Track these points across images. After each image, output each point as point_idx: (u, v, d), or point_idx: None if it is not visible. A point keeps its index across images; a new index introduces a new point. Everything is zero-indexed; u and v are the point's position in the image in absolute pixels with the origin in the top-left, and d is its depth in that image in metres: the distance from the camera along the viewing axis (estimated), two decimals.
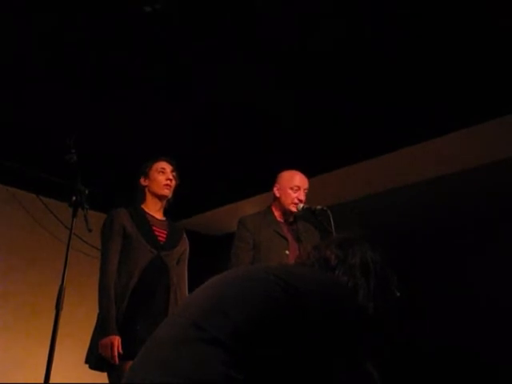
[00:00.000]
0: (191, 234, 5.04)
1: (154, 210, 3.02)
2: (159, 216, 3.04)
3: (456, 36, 3.18)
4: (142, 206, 3.02)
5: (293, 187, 3.09)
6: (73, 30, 3.29)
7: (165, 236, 2.97)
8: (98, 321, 2.74)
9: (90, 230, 2.38)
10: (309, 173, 3.21)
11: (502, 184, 4.16)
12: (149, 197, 3.03)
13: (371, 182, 4.65)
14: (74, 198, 2.52)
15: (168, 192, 3.03)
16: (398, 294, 1.57)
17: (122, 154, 4.47)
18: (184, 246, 3.07)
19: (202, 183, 4.69)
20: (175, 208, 3.13)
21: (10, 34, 3.32)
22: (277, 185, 3.16)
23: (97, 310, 2.76)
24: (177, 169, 3.09)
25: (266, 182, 3.30)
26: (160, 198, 3.03)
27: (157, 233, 2.94)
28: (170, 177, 3.03)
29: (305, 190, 3.12)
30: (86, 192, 2.53)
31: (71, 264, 2.47)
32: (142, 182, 3.05)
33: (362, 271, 1.27)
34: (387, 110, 3.85)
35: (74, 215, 2.49)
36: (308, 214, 3.05)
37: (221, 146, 4.42)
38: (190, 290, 3.05)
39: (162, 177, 3.01)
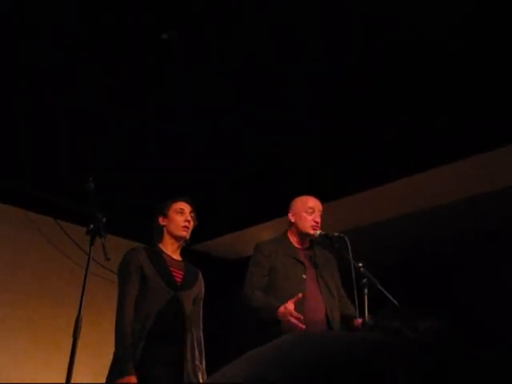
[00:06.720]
0: (206, 257, 4.98)
1: (171, 249, 3.00)
2: (176, 256, 3.02)
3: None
4: (160, 246, 3.01)
5: (307, 210, 3.08)
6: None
7: (181, 277, 2.94)
8: (113, 359, 2.73)
9: (108, 259, 2.37)
10: (322, 198, 3.20)
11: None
12: (166, 236, 3.01)
13: (381, 209, 4.66)
14: (91, 225, 2.49)
15: (186, 234, 3.00)
16: None
17: (141, 179, 4.48)
18: (200, 286, 3.04)
19: (218, 207, 4.70)
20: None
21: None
22: (291, 211, 3.15)
23: (113, 336, 2.73)
24: (195, 209, 3.06)
25: (282, 207, 3.29)
26: (177, 238, 3.01)
27: (174, 273, 2.92)
28: (189, 218, 3.00)
29: (319, 211, 3.10)
30: (104, 220, 2.50)
31: (89, 288, 2.43)
32: (161, 221, 3.02)
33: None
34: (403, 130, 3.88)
35: (92, 243, 2.47)
36: (325, 241, 3.03)
37: (237, 171, 4.44)
38: (205, 312, 3.05)
39: (181, 218, 2.99)
